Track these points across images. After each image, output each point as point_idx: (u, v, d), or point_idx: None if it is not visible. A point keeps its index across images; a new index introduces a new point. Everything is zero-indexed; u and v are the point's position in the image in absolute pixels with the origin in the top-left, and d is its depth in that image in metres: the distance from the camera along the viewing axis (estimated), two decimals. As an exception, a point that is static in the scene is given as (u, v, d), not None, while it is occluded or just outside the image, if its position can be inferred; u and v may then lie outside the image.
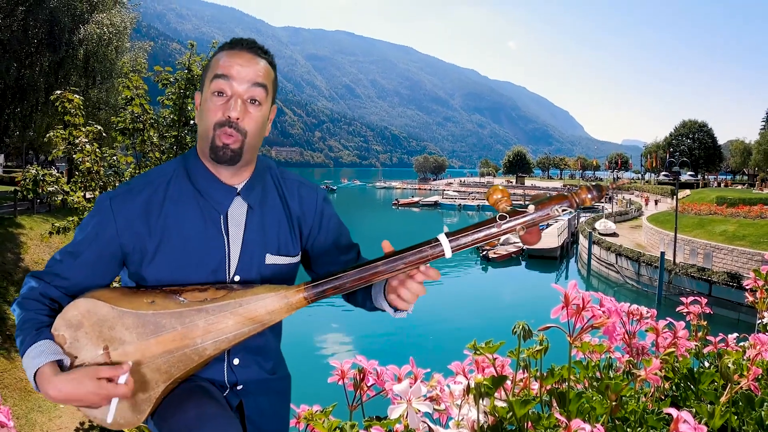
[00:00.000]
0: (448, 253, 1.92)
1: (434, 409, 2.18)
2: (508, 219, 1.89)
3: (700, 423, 1.60)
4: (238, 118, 2.06)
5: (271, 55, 2.23)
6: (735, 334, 2.80)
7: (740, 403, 1.92)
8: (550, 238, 56.34)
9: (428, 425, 1.98)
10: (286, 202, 2.31)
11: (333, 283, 1.95)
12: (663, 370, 2.23)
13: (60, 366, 1.89)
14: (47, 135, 10.64)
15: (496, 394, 1.96)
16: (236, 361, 2.19)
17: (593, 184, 1.92)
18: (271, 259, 2.22)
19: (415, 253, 1.91)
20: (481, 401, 1.92)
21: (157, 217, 2.09)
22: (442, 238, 1.91)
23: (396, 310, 2.10)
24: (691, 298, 2.91)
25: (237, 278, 2.15)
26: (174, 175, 2.17)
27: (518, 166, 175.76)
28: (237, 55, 2.12)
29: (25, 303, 2.00)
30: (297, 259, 2.33)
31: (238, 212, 2.18)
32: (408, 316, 2.10)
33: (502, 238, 2.01)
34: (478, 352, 2.10)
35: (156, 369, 1.96)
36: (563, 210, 1.90)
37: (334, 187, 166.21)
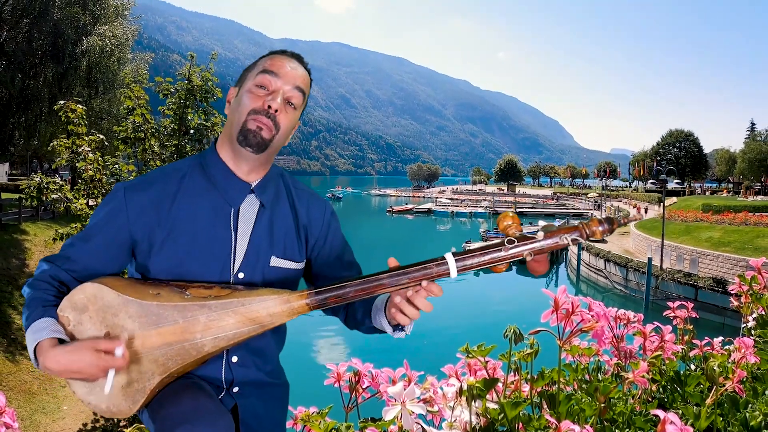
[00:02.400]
0: (454, 273, 1.90)
1: (428, 410, 2.18)
2: (516, 244, 1.88)
3: (686, 424, 1.61)
4: (277, 110, 2.10)
5: (310, 71, 2.30)
6: (720, 338, 2.80)
7: (725, 405, 1.92)
8: (540, 244, 56.29)
9: (422, 426, 1.98)
10: (295, 208, 2.32)
11: (336, 292, 1.94)
12: (650, 373, 2.23)
13: (60, 343, 1.90)
14: (51, 144, 10.63)
15: (488, 396, 1.96)
16: (234, 359, 2.17)
17: (605, 217, 1.92)
18: (275, 261, 2.21)
19: (420, 269, 1.90)
20: (473, 403, 1.92)
21: (168, 209, 2.10)
22: (449, 257, 1.90)
23: (395, 329, 2.10)
24: (677, 303, 2.91)
25: (241, 275, 2.14)
26: (189, 170, 2.19)
27: (509, 175, 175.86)
28: (286, 59, 2.19)
29: (35, 284, 2.02)
30: (301, 265, 2.32)
31: (249, 209, 2.19)
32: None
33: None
34: (470, 356, 2.10)
35: (153, 360, 1.96)
36: (573, 239, 1.89)
37: (340, 196, 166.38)
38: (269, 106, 2.09)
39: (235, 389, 2.18)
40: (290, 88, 2.13)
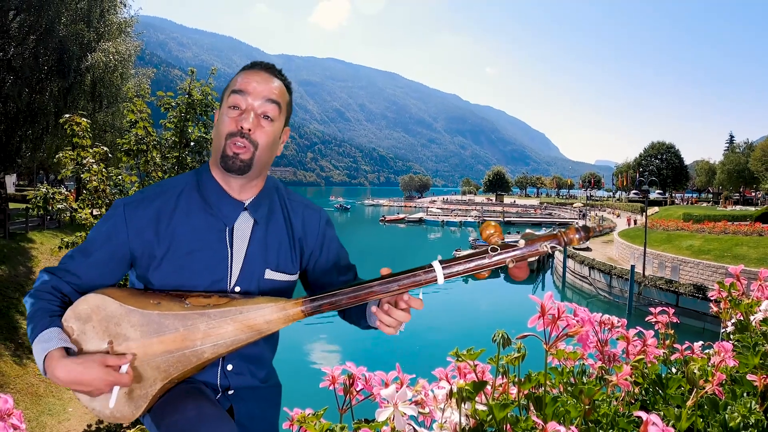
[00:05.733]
0: (441, 280, 1.92)
1: (419, 412, 2.18)
2: (499, 251, 1.90)
3: (667, 425, 1.60)
4: (249, 129, 2.08)
5: (287, 79, 2.26)
6: (700, 342, 2.80)
7: (705, 407, 1.92)
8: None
9: (413, 427, 1.98)
10: (290, 222, 2.32)
11: (330, 299, 1.95)
12: (633, 376, 2.23)
13: (68, 353, 1.90)
14: (57, 156, 10.68)
15: (477, 399, 1.95)
16: (230, 367, 2.19)
17: (581, 225, 1.94)
18: (270, 274, 2.22)
19: (409, 276, 1.92)
20: (463, 405, 1.92)
21: (166, 226, 2.10)
22: (436, 265, 1.92)
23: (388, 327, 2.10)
24: (659, 309, 2.91)
25: (237, 289, 2.15)
26: (186, 187, 2.19)
27: (498, 185, 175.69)
28: (254, 74, 2.16)
29: (37, 294, 2.02)
30: (295, 277, 2.33)
31: (243, 226, 2.19)
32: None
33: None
34: (460, 359, 2.09)
35: (155, 367, 1.97)
36: (552, 247, 1.90)
37: (348, 206, 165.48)
38: (242, 127, 2.09)
39: (231, 392, 2.20)
40: (261, 102, 2.12)
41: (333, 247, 2.44)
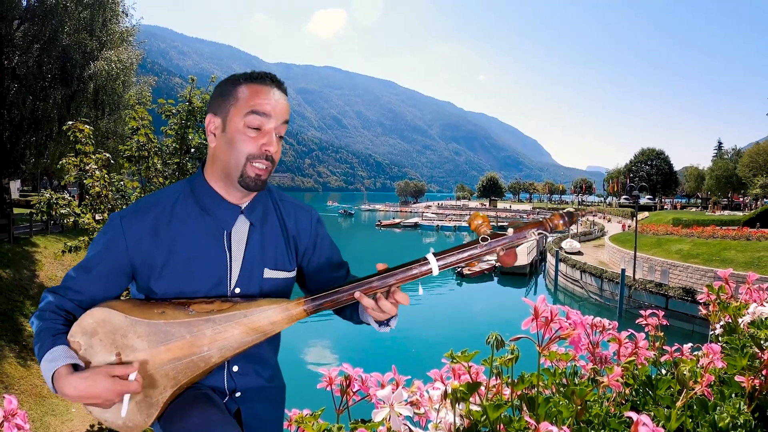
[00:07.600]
0: (436, 271, 1.94)
1: (414, 412, 2.18)
2: (489, 241, 1.91)
3: (657, 426, 1.60)
4: (274, 151, 2.10)
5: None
6: (690, 344, 2.80)
7: (695, 408, 1.92)
8: (520, 256, 56.38)
9: (409, 428, 1.98)
10: (283, 221, 2.32)
11: (331, 297, 1.97)
12: (624, 377, 2.23)
13: (75, 369, 1.89)
14: (60, 162, 10.63)
15: (471, 399, 1.95)
16: (235, 369, 2.18)
17: (565, 211, 1.95)
18: (268, 273, 2.22)
19: (406, 270, 1.93)
20: (457, 405, 1.91)
21: (164, 235, 2.09)
22: (430, 257, 1.94)
23: (380, 325, 2.12)
24: (649, 311, 2.91)
25: (237, 290, 2.14)
26: (180, 196, 2.17)
27: (491, 191, 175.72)
28: (270, 92, 2.12)
29: (42, 314, 2.01)
30: (293, 274, 2.32)
31: (240, 229, 2.19)
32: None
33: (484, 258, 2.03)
34: (454, 361, 2.10)
35: (164, 375, 1.96)
36: (539, 233, 1.92)
37: (352, 212, 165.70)
38: (267, 150, 2.09)
39: (238, 394, 2.19)
40: (280, 124, 2.11)
41: (325, 244, 2.44)
